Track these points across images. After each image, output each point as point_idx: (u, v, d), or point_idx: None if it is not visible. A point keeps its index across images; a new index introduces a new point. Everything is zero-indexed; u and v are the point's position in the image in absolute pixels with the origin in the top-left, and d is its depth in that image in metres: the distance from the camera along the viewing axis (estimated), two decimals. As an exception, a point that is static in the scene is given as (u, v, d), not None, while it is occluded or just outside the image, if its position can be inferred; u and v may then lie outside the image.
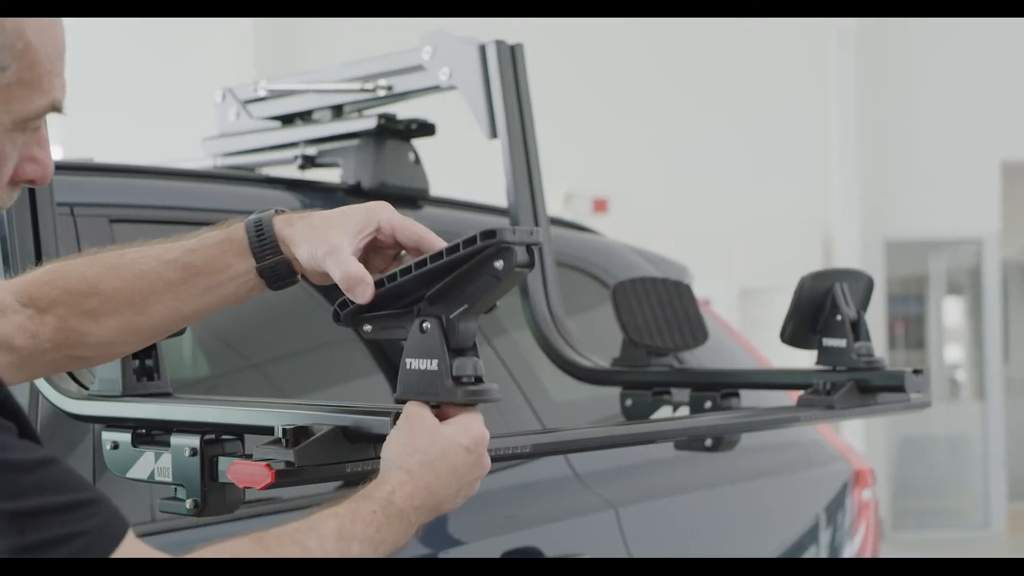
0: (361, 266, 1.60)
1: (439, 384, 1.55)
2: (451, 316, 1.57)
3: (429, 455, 1.53)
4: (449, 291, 1.57)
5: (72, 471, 1.30)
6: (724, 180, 10.31)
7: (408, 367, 1.58)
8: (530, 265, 1.56)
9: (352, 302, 1.62)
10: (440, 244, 1.61)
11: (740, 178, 10.34)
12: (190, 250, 1.66)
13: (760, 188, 10.36)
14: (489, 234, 1.54)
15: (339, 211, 1.65)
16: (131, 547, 1.31)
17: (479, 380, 1.57)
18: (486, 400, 1.58)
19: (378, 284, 1.60)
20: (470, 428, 1.56)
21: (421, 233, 1.65)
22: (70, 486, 1.28)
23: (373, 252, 1.67)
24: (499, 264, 1.55)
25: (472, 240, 1.55)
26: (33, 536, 1.23)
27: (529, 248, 1.56)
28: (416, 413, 1.56)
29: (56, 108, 1.41)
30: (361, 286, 1.59)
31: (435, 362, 1.56)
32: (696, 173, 10.27)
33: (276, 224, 1.65)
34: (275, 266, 1.65)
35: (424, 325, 1.57)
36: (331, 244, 1.60)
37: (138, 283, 1.64)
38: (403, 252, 1.68)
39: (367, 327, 1.64)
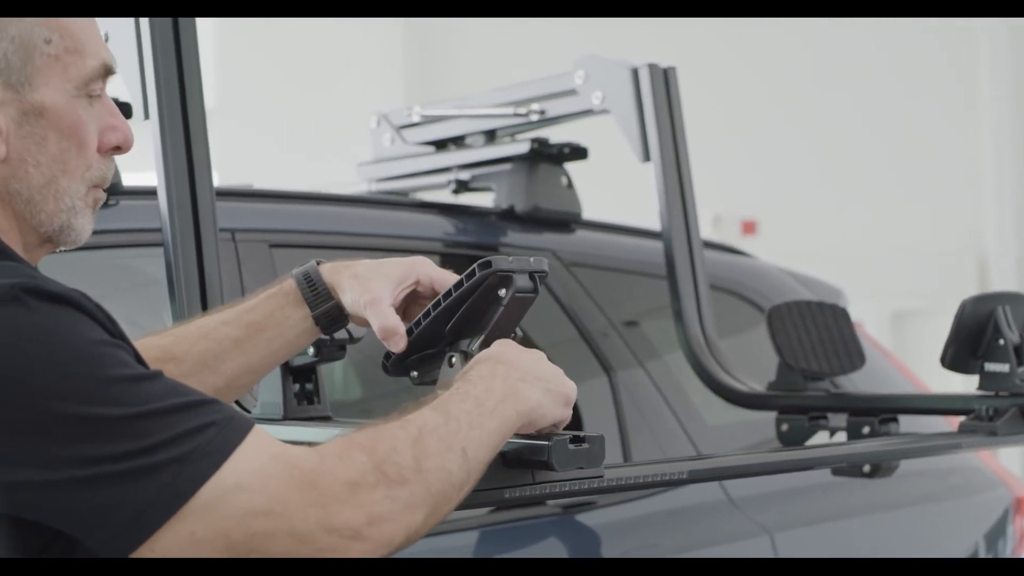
0: (397, 318, 1.72)
1: None
2: (472, 348, 1.65)
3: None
4: (466, 324, 1.67)
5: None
6: (873, 201, 10.14)
7: None
8: (534, 291, 1.66)
9: (394, 352, 1.73)
10: None
11: (890, 198, 10.17)
12: (249, 308, 1.79)
13: (911, 208, 10.18)
14: (486, 264, 1.64)
15: (381, 262, 1.78)
16: (260, 437, 1.37)
17: None
18: None
19: (408, 332, 1.70)
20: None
21: None
22: (189, 391, 1.38)
23: (412, 302, 1.77)
24: (502, 292, 1.65)
25: (472, 273, 1.65)
26: (173, 430, 1.32)
27: (532, 276, 1.65)
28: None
29: (108, 68, 1.52)
30: (395, 337, 1.71)
31: None
32: (844, 194, 10.12)
33: (324, 273, 1.77)
34: (328, 312, 1.77)
35: (451, 359, 1.67)
36: (373, 295, 1.72)
37: (207, 345, 1.76)
38: None
39: (413, 373, 1.74)
